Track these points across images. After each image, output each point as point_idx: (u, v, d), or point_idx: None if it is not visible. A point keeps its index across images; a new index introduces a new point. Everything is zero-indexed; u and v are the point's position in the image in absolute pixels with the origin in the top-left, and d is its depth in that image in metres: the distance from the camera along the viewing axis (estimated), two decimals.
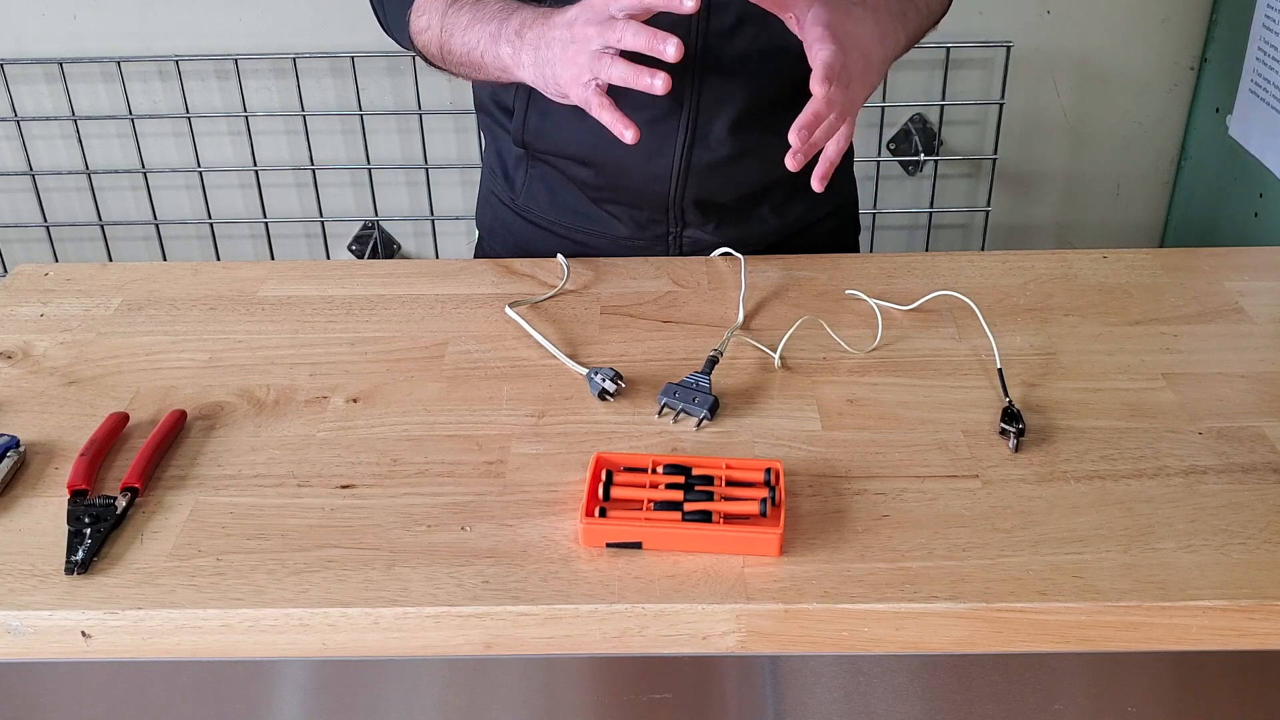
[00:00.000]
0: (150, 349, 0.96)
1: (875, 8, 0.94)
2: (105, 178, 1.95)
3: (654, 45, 0.83)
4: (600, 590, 0.70)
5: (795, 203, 1.02)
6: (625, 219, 1.11)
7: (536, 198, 1.14)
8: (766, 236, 1.09)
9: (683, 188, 1.07)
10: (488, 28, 0.95)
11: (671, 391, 0.87)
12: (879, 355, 0.94)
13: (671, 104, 1.03)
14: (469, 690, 0.78)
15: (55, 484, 0.80)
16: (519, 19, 0.93)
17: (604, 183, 1.09)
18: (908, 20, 0.97)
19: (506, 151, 1.15)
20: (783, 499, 0.75)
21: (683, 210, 1.09)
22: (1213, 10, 1.81)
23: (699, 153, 1.05)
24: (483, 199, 1.24)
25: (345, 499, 0.78)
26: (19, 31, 1.84)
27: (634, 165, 1.06)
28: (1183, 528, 0.74)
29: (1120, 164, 1.95)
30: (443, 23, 1.00)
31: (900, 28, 0.96)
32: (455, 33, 0.98)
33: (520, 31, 0.92)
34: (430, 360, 0.94)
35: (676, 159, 1.05)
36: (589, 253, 1.10)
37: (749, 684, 0.77)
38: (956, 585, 0.70)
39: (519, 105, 1.08)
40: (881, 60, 0.93)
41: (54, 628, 0.70)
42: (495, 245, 1.21)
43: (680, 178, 1.06)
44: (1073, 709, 0.78)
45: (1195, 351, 0.94)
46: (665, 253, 1.12)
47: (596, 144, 1.06)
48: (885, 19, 0.94)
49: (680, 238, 1.12)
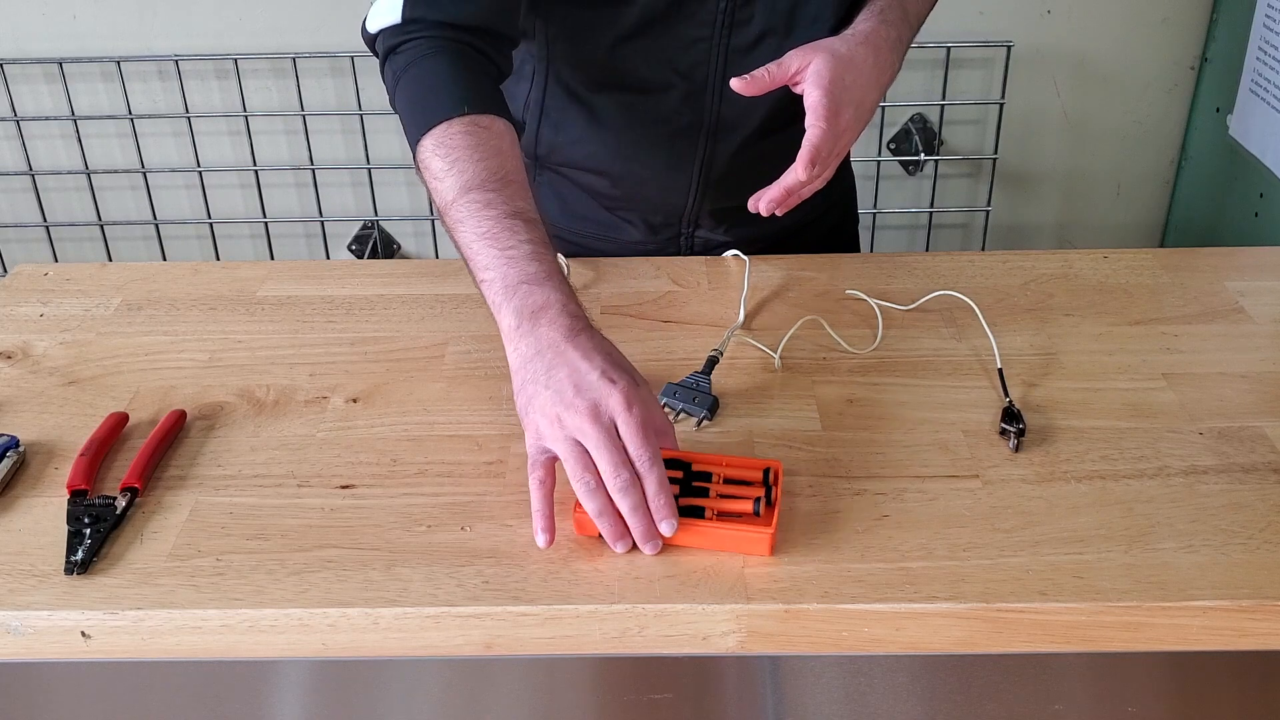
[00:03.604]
0: (150, 349, 0.96)
1: (877, 45, 0.93)
2: (105, 178, 1.95)
3: (648, 535, 0.72)
4: (600, 590, 0.70)
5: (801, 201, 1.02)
6: (639, 224, 1.12)
7: (546, 206, 1.14)
8: (775, 234, 1.10)
9: (700, 198, 1.07)
10: (501, 265, 0.78)
11: (671, 391, 0.87)
12: (879, 355, 0.94)
13: (692, 117, 1.03)
14: (469, 690, 0.78)
15: (55, 484, 0.80)
16: (540, 298, 0.76)
17: (620, 193, 1.09)
18: (903, 43, 0.98)
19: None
20: (779, 499, 0.75)
21: (697, 216, 1.09)
22: (1213, 10, 1.81)
23: (717, 165, 1.05)
24: None
25: (345, 499, 0.78)
26: (19, 31, 1.84)
27: (652, 178, 1.06)
28: (1183, 528, 0.74)
29: (1120, 164, 1.95)
30: (455, 196, 0.83)
31: (897, 56, 0.96)
32: (466, 223, 0.81)
33: (535, 319, 0.76)
34: (430, 360, 0.94)
35: (695, 171, 1.06)
36: (599, 256, 1.10)
37: (749, 684, 0.77)
38: (957, 585, 0.70)
39: (529, 120, 1.08)
40: (876, 101, 0.94)
41: (54, 628, 0.70)
42: None
43: (698, 189, 1.07)
44: (1073, 709, 0.78)
45: (1195, 351, 0.94)
46: (676, 253, 1.13)
47: (614, 159, 1.06)
48: (885, 53, 0.94)
49: (692, 238, 1.12)
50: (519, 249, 0.78)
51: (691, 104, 1.02)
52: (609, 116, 1.04)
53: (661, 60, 1.00)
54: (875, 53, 0.93)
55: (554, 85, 1.05)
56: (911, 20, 1.00)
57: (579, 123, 1.05)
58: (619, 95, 1.03)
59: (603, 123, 1.04)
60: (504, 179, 0.82)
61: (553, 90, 1.05)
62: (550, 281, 0.77)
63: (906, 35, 0.99)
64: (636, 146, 1.05)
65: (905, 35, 0.98)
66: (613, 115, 1.04)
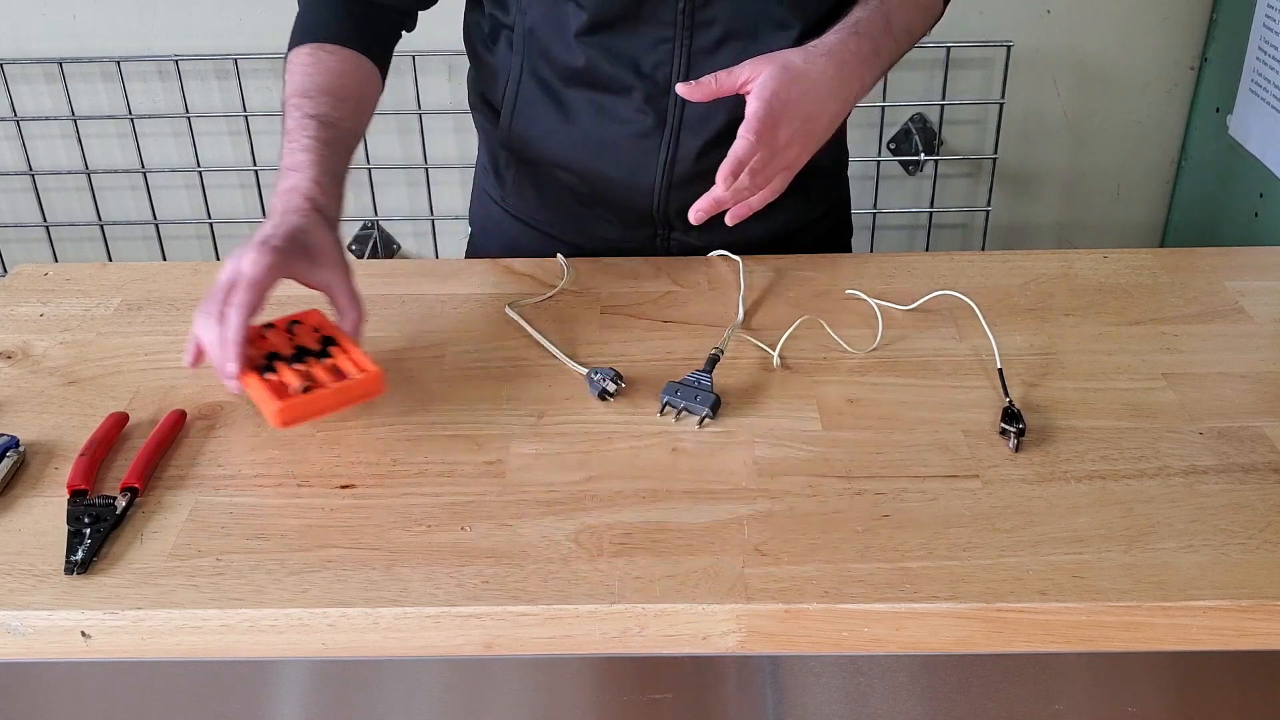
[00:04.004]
0: (150, 349, 0.96)
1: (841, 58, 0.93)
2: (105, 177, 1.95)
3: (223, 364, 0.82)
4: (600, 590, 0.70)
5: (780, 211, 1.02)
6: (613, 221, 1.12)
7: (526, 197, 1.15)
8: (754, 241, 1.09)
9: (666, 198, 1.07)
10: (287, 155, 0.94)
11: (673, 390, 0.87)
12: (879, 355, 0.94)
13: (655, 118, 1.03)
14: (469, 690, 0.78)
15: (55, 484, 0.80)
16: (291, 181, 0.91)
17: (590, 191, 1.10)
18: (880, 57, 0.97)
19: (497, 150, 1.15)
20: (333, 389, 0.83)
21: (668, 218, 1.09)
22: (1213, 10, 1.81)
23: (681, 167, 1.05)
24: (475, 196, 1.25)
25: (345, 499, 0.78)
26: (19, 31, 1.84)
27: (617, 177, 1.07)
28: (1183, 528, 0.74)
29: (1120, 164, 1.95)
30: (283, 102, 0.99)
31: (868, 70, 0.96)
32: (283, 123, 0.97)
33: (282, 195, 0.91)
34: (430, 360, 0.94)
35: (659, 172, 1.06)
36: (579, 253, 1.11)
37: (749, 684, 0.77)
38: (957, 585, 0.70)
39: (505, 109, 1.09)
40: (835, 114, 0.94)
41: (54, 628, 0.70)
42: (487, 243, 1.21)
43: (663, 190, 1.07)
44: (1073, 709, 0.78)
45: (1195, 351, 0.94)
46: (654, 254, 1.12)
47: (580, 155, 1.06)
48: (851, 66, 0.94)
49: (668, 240, 1.12)
50: (299, 142, 0.93)
51: (655, 104, 1.03)
52: (576, 114, 1.05)
53: (625, 59, 1.01)
54: (838, 66, 0.93)
55: (528, 80, 1.06)
56: (897, 33, 0.99)
57: (549, 119, 1.06)
58: (586, 93, 1.04)
59: (571, 120, 1.05)
60: (322, 89, 0.98)
61: (526, 85, 1.06)
62: (310, 170, 0.91)
63: (887, 47, 0.98)
64: (603, 145, 1.05)
65: (885, 47, 0.98)
66: (580, 112, 1.05)
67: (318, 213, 0.89)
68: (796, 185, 0.97)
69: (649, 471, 0.80)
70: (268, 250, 0.83)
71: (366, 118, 1.03)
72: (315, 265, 0.87)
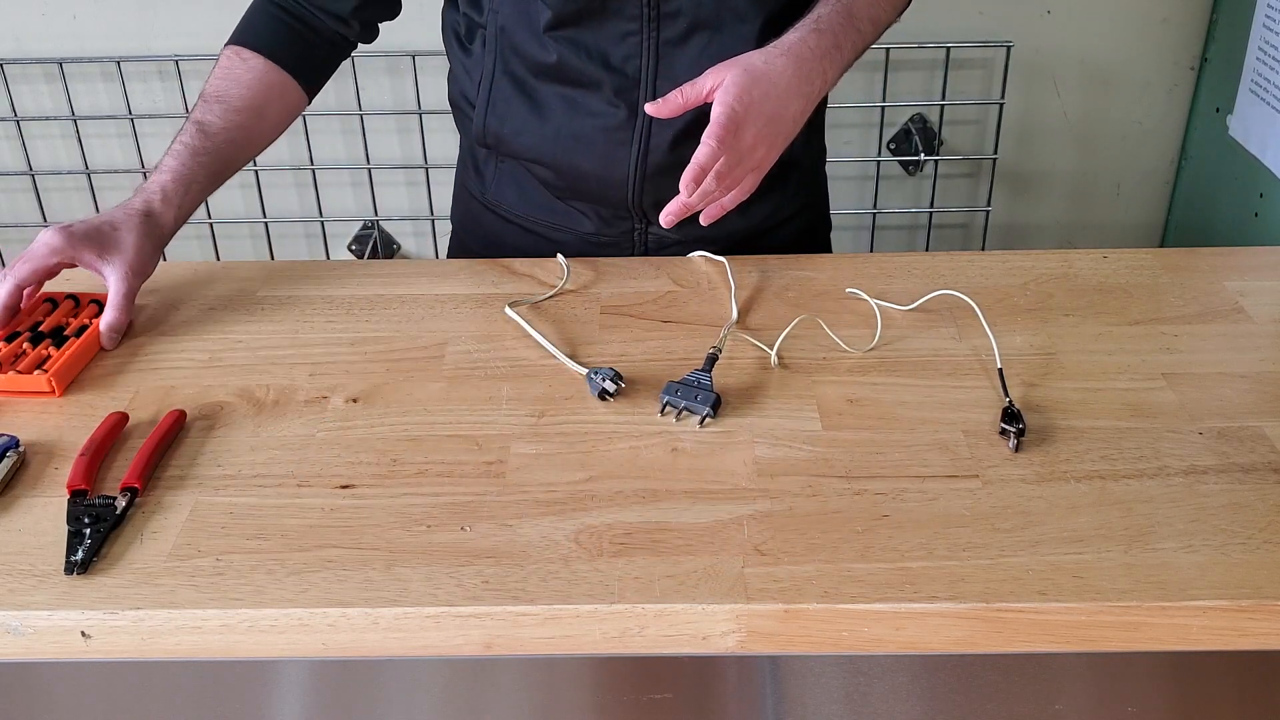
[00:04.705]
0: (150, 349, 0.96)
1: (800, 55, 0.94)
2: (105, 178, 1.95)
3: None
4: (600, 590, 0.70)
5: (758, 205, 1.02)
6: (591, 214, 1.12)
7: (505, 193, 1.15)
8: (731, 235, 1.09)
9: (640, 191, 1.08)
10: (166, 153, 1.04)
11: (673, 390, 0.87)
12: (879, 355, 0.94)
13: (626, 111, 1.04)
14: (469, 690, 0.78)
15: (55, 484, 0.80)
16: (148, 182, 1.02)
17: (564, 184, 1.10)
18: (842, 51, 0.97)
19: (476, 147, 1.16)
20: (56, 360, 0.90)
21: (644, 210, 1.10)
22: (1213, 10, 1.81)
23: (654, 158, 1.06)
24: (456, 193, 1.25)
25: (345, 499, 0.78)
26: (19, 31, 1.84)
27: (590, 170, 1.07)
28: (1183, 528, 0.74)
29: (1120, 164, 1.95)
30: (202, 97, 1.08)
31: (830, 64, 0.96)
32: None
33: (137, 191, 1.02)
34: (430, 360, 0.94)
35: (632, 165, 1.06)
36: (558, 248, 1.11)
37: (749, 684, 0.77)
38: (956, 585, 0.70)
39: (480, 106, 1.10)
40: (800, 110, 0.95)
41: (54, 628, 0.70)
42: (468, 239, 1.22)
43: (637, 182, 1.07)
44: (1073, 709, 0.78)
45: (1195, 351, 0.94)
46: (632, 249, 1.13)
47: (552, 149, 1.07)
48: (810, 62, 0.94)
49: (645, 234, 1.12)
50: (174, 145, 1.03)
51: (625, 97, 1.03)
52: (549, 109, 1.06)
53: (594, 53, 1.02)
54: (797, 63, 0.93)
55: (500, 75, 1.07)
56: (861, 25, 0.99)
57: (523, 114, 1.07)
58: (557, 87, 1.05)
59: (544, 115, 1.06)
60: (218, 96, 1.06)
61: (499, 80, 1.07)
62: (163, 176, 1.01)
63: (850, 40, 0.98)
64: (576, 139, 1.06)
65: (847, 40, 0.98)
66: (553, 107, 1.06)
67: (145, 216, 0.98)
68: (774, 181, 0.98)
69: (649, 471, 0.80)
70: (59, 233, 0.94)
71: (267, 128, 1.10)
72: (102, 259, 0.96)
